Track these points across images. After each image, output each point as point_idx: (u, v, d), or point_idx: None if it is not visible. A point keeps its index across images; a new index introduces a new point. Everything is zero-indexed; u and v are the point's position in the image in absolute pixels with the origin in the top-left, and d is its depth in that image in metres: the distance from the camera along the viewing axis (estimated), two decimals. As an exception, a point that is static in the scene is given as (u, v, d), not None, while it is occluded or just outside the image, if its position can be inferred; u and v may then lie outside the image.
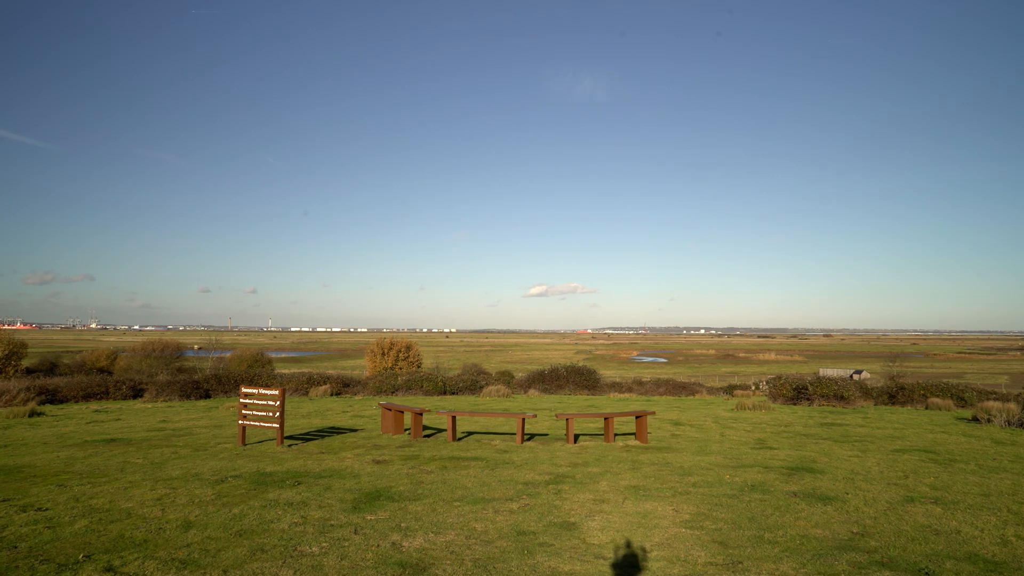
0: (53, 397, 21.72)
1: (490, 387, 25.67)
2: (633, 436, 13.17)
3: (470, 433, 13.57)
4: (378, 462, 9.97)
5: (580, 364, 31.66)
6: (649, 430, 13.72)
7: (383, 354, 41.94)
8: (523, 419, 12.49)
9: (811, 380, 23.01)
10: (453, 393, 25.81)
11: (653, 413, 13.50)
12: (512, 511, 7.08)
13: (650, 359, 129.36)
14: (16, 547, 5.65)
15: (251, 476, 8.82)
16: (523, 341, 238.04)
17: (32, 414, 17.48)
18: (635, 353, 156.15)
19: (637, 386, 28.89)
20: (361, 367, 50.49)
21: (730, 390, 29.95)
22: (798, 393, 22.00)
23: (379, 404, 14.35)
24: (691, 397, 25.95)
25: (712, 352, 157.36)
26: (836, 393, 21.36)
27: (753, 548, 5.86)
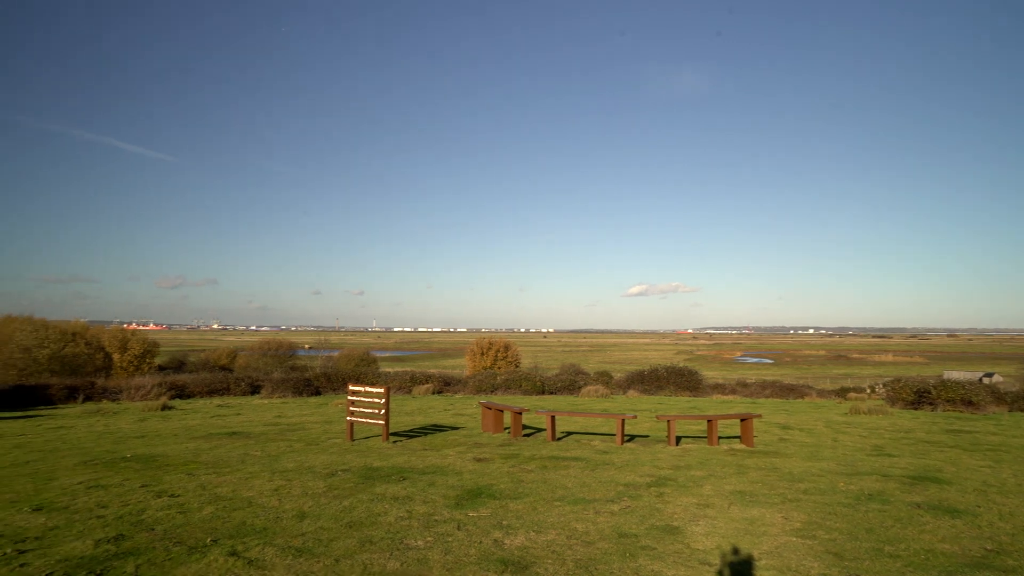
0: (181, 392, 23.51)
1: (588, 387, 25.52)
2: (738, 439, 12.72)
3: (569, 433, 13.55)
4: (479, 460, 10.13)
5: (681, 365, 30.93)
6: (755, 433, 13.21)
7: (482, 354, 42.61)
8: (623, 420, 12.34)
9: (935, 383, 21.38)
10: (551, 393, 25.84)
11: (759, 416, 12.99)
12: (613, 512, 7.00)
13: (755, 360, 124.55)
14: (153, 529, 6.14)
15: (359, 470, 9.18)
16: (621, 341, 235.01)
17: (164, 408, 18.97)
18: (739, 354, 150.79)
19: (741, 388, 27.92)
20: (461, 366, 51.49)
21: (843, 393, 28.40)
22: (920, 397, 20.52)
23: (479, 403, 14.58)
24: (799, 400, 24.79)
25: (822, 353, 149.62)
26: (964, 398, 19.76)
27: (872, 561, 5.52)
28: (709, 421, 12.48)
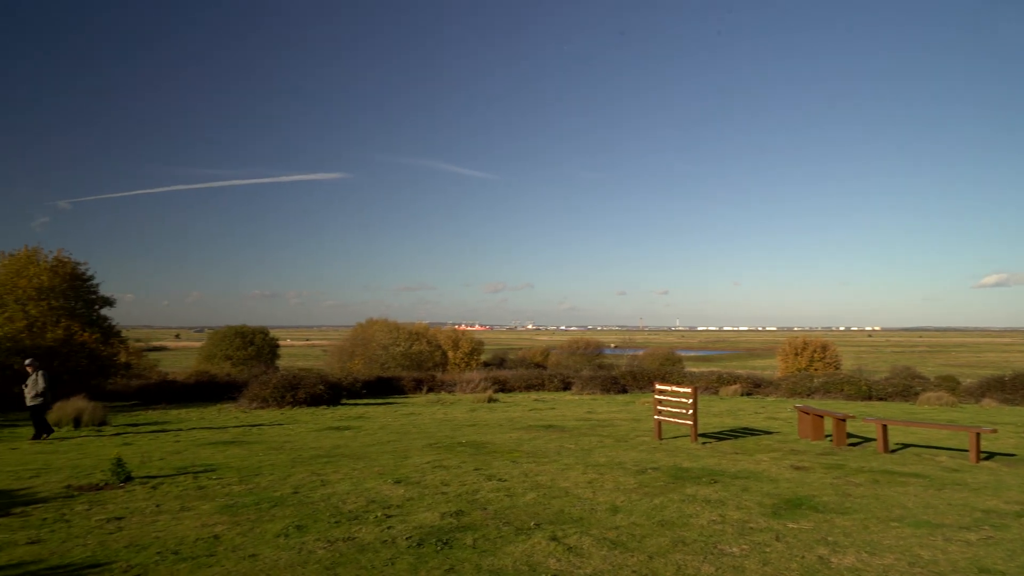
0: (503, 387, 26.09)
1: (927, 393, 22.15)
2: None
3: (905, 445, 11.88)
4: (797, 468, 9.41)
5: (1059, 369, 25.26)
6: None
7: (796, 354, 39.97)
8: (978, 433, 10.42)
9: None
10: (880, 399, 23.07)
11: None
12: (969, 542, 5.93)
13: None
14: (486, 509, 6.89)
15: (668, 470, 9.17)
16: (970, 341, 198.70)
17: (490, 400, 21.26)
18: None
19: None
20: (771, 367, 48.72)
21: None
22: None
23: (794, 407, 13.60)
24: None
25: None
26: None
27: None
28: (1106, 441, 9.93)
